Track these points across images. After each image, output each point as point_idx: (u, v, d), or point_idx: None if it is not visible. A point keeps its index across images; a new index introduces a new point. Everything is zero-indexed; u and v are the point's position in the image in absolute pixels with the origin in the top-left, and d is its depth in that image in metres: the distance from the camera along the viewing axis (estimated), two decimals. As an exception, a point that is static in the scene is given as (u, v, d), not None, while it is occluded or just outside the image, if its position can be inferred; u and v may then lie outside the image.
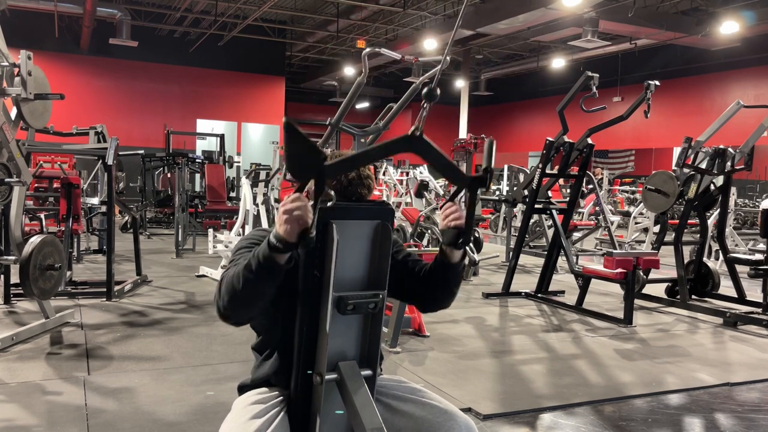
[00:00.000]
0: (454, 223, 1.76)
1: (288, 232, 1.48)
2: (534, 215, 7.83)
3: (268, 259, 1.51)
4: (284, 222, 1.48)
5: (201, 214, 11.83)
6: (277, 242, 1.49)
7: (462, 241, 1.75)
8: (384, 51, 5.39)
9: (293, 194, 1.49)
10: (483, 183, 1.67)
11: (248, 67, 20.79)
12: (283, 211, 1.48)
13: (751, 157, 6.27)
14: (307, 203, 1.48)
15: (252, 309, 1.63)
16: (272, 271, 1.53)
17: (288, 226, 1.47)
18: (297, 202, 1.48)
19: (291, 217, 1.47)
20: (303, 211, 1.47)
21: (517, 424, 3.23)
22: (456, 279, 1.88)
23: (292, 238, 1.48)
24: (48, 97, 4.54)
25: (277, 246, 1.49)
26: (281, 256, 1.52)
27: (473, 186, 1.68)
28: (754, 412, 3.51)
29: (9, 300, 5.35)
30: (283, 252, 1.50)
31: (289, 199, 1.48)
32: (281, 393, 1.78)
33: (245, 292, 1.56)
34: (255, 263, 1.53)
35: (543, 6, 13.30)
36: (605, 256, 5.65)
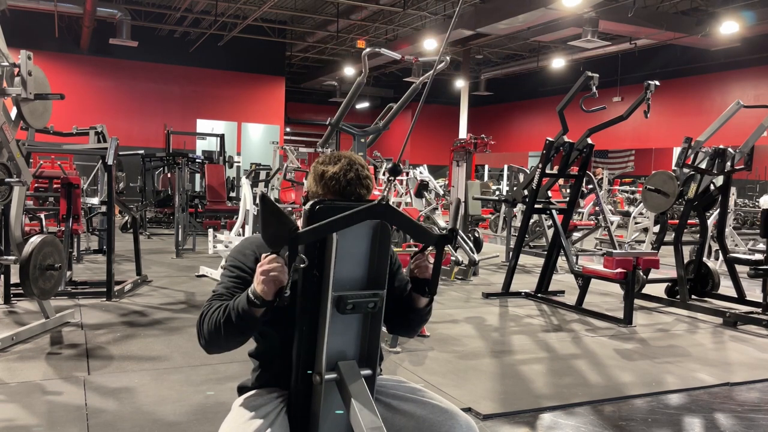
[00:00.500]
0: (422, 275, 1.86)
1: (265, 292, 1.60)
2: (534, 215, 7.83)
3: (246, 311, 1.64)
4: (261, 282, 1.59)
5: (201, 214, 11.83)
6: (255, 299, 1.61)
7: (428, 293, 1.85)
8: (384, 51, 5.39)
9: (270, 256, 1.60)
10: (449, 241, 1.77)
11: (248, 67, 20.79)
12: (260, 272, 1.59)
13: (751, 157, 6.28)
14: (282, 264, 1.59)
15: (233, 347, 1.76)
16: (249, 322, 1.65)
17: (265, 287, 1.59)
18: (273, 263, 1.59)
19: (268, 278, 1.59)
20: (279, 272, 1.59)
21: (517, 424, 3.23)
22: (420, 320, 1.97)
23: (268, 297, 1.60)
24: (48, 97, 4.54)
25: (254, 302, 1.62)
26: (258, 310, 1.64)
27: (440, 243, 1.76)
28: (754, 412, 3.52)
29: (9, 300, 5.35)
30: (259, 307, 1.63)
31: (266, 261, 1.60)
32: (281, 393, 1.78)
33: (226, 336, 1.70)
34: (234, 315, 1.65)
35: (543, 6, 13.29)
36: (605, 256, 5.66)
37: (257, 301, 1.61)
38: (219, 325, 1.69)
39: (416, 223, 1.78)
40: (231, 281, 1.81)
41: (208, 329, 1.73)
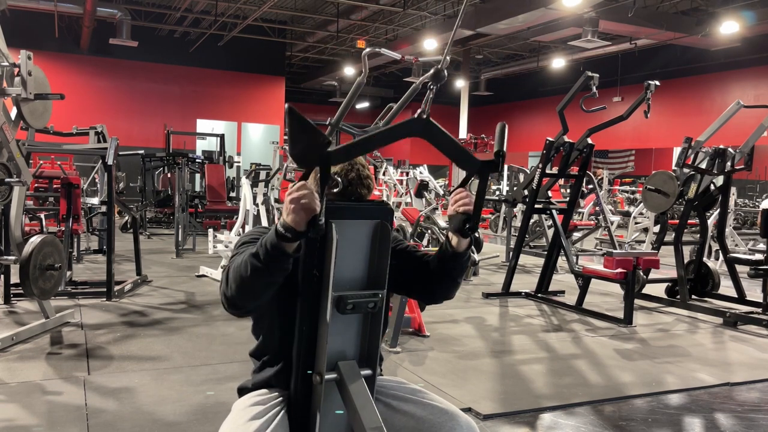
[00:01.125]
0: (463, 208, 1.71)
1: (296, 222, 1.45)
2: (534, 215, 7.83)
3: (276, 248, 1.49)
4: (291, 211, 1.44)
5: (201, 214, 11.83)
6: (286, 231, 1.46)
7: (469, 228, 1.70)
8: (384, 51, 5.39)
9: (299, 182, 1.47)
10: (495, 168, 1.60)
11: (248, 67, 20.79)
12: (290, 200, 1.45)
13: (751, 157, 6.27)
14: (313, 190, 1.45)
15: (260, 297, 1.60)
16: (280, 260, 1.50)
17: (295, 215, 1.44)
18: (303, 190, 1.45)
19: (298, 205, 1.44)
20: (310, 199, 1.44)
21: (517, 424, 3.23)
22: (461, 269, 1.84)
23: (300, 227, 1.45)
24: (48, 97, 4.54)
25: (285, 235, 1.46)
26: (289, 245, 1.49)
27: (483, 171, 1.62)
28: (754, 412, 3.51)
29: (9, 300, 5.35)
30: (291, 241, 1.48)
31: (295, 187, 1.45)
32: (281, 393, 1.78)
33: (253, 281, 1.53)
34: (263, 252, 1.50)
35: (543, 6, 13.29)
36: (605, 256, 5.65)
37: (288, 234, 1.45)
38: (246, 268, 1.52)
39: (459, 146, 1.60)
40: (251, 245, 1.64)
41: (233, 277, 1.57)
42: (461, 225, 1.71)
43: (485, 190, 1.66)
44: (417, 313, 4.86)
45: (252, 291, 1.57)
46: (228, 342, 4.46)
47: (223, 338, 4.56)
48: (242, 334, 4.63)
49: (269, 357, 1.83)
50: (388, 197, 11.87)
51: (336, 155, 1.42)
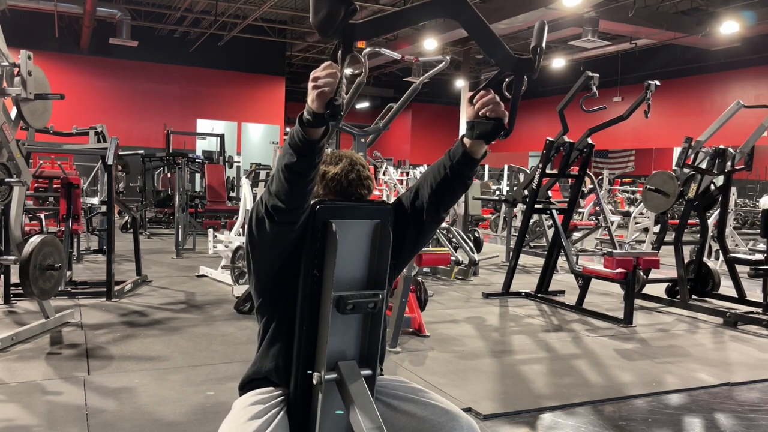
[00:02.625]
0: (493, 113, 1.57)
1: (316, 105, 1.40)
2: (534, 215, 7.83)
3: (301, 134, 1.46)
4: (312, 92, 1.40)
5: (201, 214, 11.83)
6: (308, 116, 1.42)
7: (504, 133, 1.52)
8: (384, 51, 5.39)
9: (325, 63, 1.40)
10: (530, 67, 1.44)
11: (248, 67, 20.78)
12: (311, 80, 1.40)
13: (751, 157, 6.27)
14: (336, 71, 1.39)
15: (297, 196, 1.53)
16: (308, 147, 1.47)
17: (316, 97, 1.40)
18: (326, 70, 1.40)
19: (319, 84, 1.40)
20: (333, 78, 1.39)
21: (517, 424, 3.23)
22: (473, 171, 1.74)
23: (319, 109, 1.40)
24: (48, 97, 4.54)
25: (308, 119, 1.43)
26: (315, 131, 1.46)
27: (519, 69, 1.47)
28: (754, 412, 3.51)
29: (9, 300, 5.35)
30: (314, 126, 1.43)
31: (321, 68, 1.40)
32: (281, 393, 1.77)
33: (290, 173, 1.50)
34: (292, 142, 1.48)
35: (543, 6, 13.29)
36: (605, 256, 5.65)
37: (311, 118, 1.41)
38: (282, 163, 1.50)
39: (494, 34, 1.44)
40: None
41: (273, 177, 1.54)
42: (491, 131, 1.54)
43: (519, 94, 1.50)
44: (417, 313, 4.87)
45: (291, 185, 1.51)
46: (228, 342, 4.46)
47: (223, 338, 4.56)
48: (242, 334, 4.63)
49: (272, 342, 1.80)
50: (388, 197, 11.87)
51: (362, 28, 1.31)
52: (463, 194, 1.83)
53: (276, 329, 1.79)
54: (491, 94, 1.57)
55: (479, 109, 1.59)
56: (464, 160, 1.71)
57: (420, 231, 1.88)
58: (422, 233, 1.90)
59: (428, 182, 1.81)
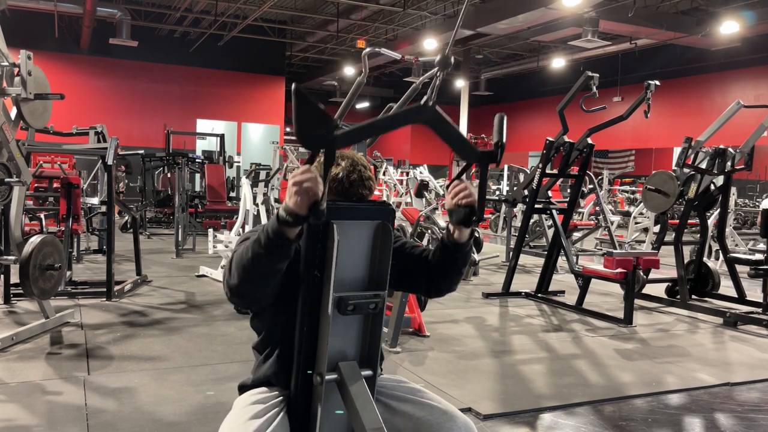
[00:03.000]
0: (465, 201, 1.70)
1: (298, 205, 1.44)
2: (534, 215, 7.83)
3: (278, 233, 1.48)
4: (294, 194, 1.44)
5: (201, 214, 11.83)
6: (287, 215, 1.45)
7: (476, 219, 1.69)
8: (384, 51, 5.39)
9: (303, 166, 1.46)
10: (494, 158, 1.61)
11: (248, 67, 20.78)
12: (292, 183, 1.44)
13: (751, 157, 6.27)
14: (317, 175, 1.44)
15: (262, 288, 1.59)
16: (282, 246, 1.50)
17: (298, 198, 1.44)
18: (307, 174, 1.44)
19: (301, 188, 1.44)
20: (313, 183, 1.44)
21: (517, 424, 3.23)
22: (464, 259, 1.84)
23: (302, 211, 1.44)
24: (48, 97, 4.54)
25: (287, 219, 1.45)
26: (291, 230, 1.48)
27: (484, 161, 1.63)
28: (754, 412, 3.51)
29: (9, 300, 5.35)
30: (292, 226, 1.47)
31: (299, 171, 1.45)
32: (281, 393, 1.78)
33: (256, 268, 1.53)
34: (264, 238, 1.50)
35: (543, 6, 13.29)
36: (605, 256, 5.65)
37: (289, 218, 1.44)
38: (248, 254, 1.52)
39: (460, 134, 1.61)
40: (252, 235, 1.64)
41: (236, 264, 1.56)
42: (464, 217, 1.70)
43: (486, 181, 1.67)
44: (417, 313, 4.86)
45: (254, 279, 1.56)
46: (228, 342, 4.46)
47: (223, 338, 4.56)
48: (242, 334, 4.63)
49: (270, 351, 1.81)
50: (388, 197, 11.87)
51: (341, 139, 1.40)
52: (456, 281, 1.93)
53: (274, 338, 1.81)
54: (463, 184, 1.71)
55: (453, 198, 1.72)
56: (452, 245, 1.81)
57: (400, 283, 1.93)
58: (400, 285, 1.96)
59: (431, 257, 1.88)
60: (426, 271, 1.88)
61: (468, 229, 1.77)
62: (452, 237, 1.80)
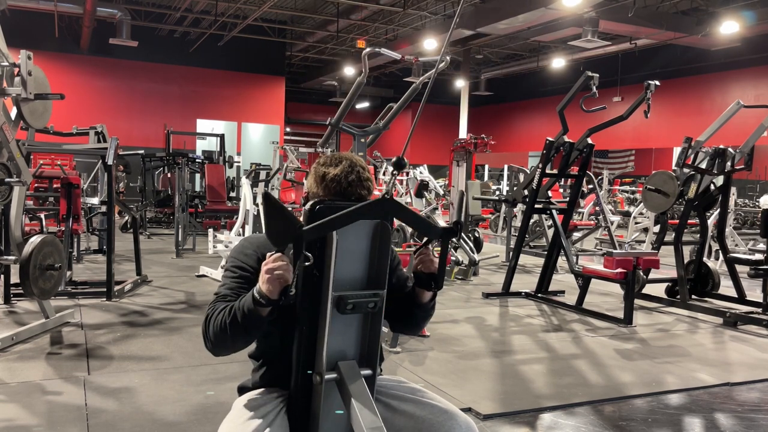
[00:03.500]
0: (426, 269, 1.84)
1: (270, 291, 1.58)
2: (534, 215, 7.83)
3: (251, 311, 1.63)
4: (267, 281, 1.58)
5: (201, 214, 11.83)
6: (261, 298, 1.60)
7: (434, 286, 1.84)
8: (384, 51, 5.39)
9: (275, 254, 1.59)
10: (454, 234, 1.76)
11: (248, 67, 20.78)
12: (265, 271, 1.58)
13: (751, 157, 6.27)
14: (288, 263, 1.58)
15: (240, 347, 1.76)
16: (255, 321, 1.65)
17: (270, 286, 1.58)
18: (279, 262, 1.58)
19: (273, 276, 1.57)
20: (284, 270, 1.57)
21: (517, 424, 3.23)
22: (424, 315, 1.96)
23: (273, 296, 1.59)
24: (48, 97, 4.54)
25: (260, 301, 1.60)
26: (264, 309, 1.63)
27: (445, 236, 1.76)
28: (754, 412, 3.51)
29: (9, 300, 5.35)
30: (265, 306, 1.61)
31: (271, 259, 1.59)
32: (281, 393, 1.78)
33: (233, 338, 1.70)
34: (240, 315, 1.65)
35: (543, 6, 13.29)
36: (605, 256, 5.65)
37: (263, 301, 1.60)
38: (225, 326, 1.68)
39: (421, 217, 1.78)
40: (234, 282, 1.80)
41: (213, 332, 1.73)
42: (425, 283, 1.85)
43: (447, 253, 1.83)
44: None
45: (230, 345, 1.74)
46: (228, 342, 4.46)
47: (223, 338, 4.55)
48: (242, 334, 4.63)
49: (269, 357, 1.84)
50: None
51: (307, 233, 1.55)
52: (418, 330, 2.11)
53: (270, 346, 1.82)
54: (425, 253, 1.84)
55: (417, 264, 1.86)
56: (415, 304, 1.92)
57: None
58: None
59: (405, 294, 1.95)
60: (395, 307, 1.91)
61: (429, 293, 1.88)
62: (416, 296, 1.90)
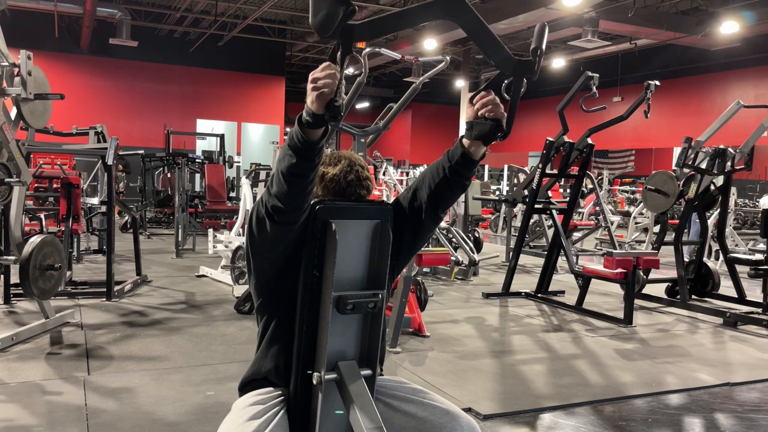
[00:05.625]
0: (492, 114, 1.59)
1: (315, 105, 1.40)
2: (534, 215, 7.83)
3: (301, 136, 1.46)
4: (310, 92, 1.41)
5: (201, 214, 11.83)
6: (306, 116, 1.43)
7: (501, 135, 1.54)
8: (384, 51, 5.39)
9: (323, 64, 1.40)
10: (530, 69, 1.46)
11: (248, 67, 20.78)
12: (310, 81, 1.41)
13: (751, 157, 6.27)
14: (335, 71, 1.39)
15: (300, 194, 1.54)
16: (308, 149, 1.47)
17: (314, 97, 1.40)
18: (325, 71, 1.40)
19: (318, 86, 1.40)
20: (332, 79, 1.39)
21: (517, 424, 3.23)
22: (471, 172, 1.76)
23: (319, 110, 1.40)
24: (48, 97, 4.54)
25: (307, 120, 1.42)
26: (314, 132, 1.46)
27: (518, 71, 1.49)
28: (754, 412, 3.51)
29: (9, 300, 5.35)
30: (313, 127, 1.43)
31: (319, 69, 1.40)
32: (281, 393, 1.77)
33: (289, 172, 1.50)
34: (291, 143, 1.49)
35: (543, 6, 13.29)
36: (605, 256, 5.65)
37: (309, 118, 1.41)
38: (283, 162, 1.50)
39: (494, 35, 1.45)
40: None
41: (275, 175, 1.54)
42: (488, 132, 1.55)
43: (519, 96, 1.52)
44: (417, 313, 4.86)
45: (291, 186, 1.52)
46: (228, 342, 4.46)
47: (223, 338, 4.56)
48: (242, 334, 4.63)
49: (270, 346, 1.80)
50: (388, 197, 11.86)
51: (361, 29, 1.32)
52: (462, 194, 1.83)
53: (276, 329, 1.79)
54: (491, 95, 1.58)
55: (479, 109, 1.61)
56: (463, 161, 1.72)
57: (418, 231, 1.89)
58: (420, 233, 1.91)
59: (427, 183, 1.82)
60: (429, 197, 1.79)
61: (484, 147, 1.65)
62: (467, 152, 1.69)
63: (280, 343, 1.76)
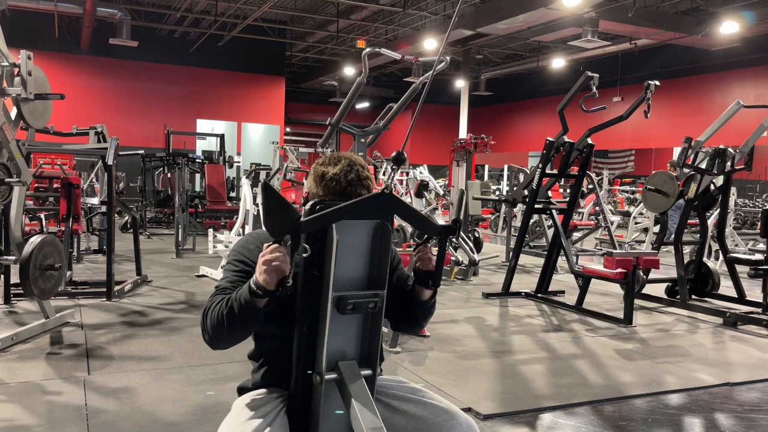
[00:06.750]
0: (424, 267, 1.84)
1: (267, 282, 1.57)
2: (534, 215, 7.83)
3: (248, 302, 1.62)
4: (264, 272, 1.57)
5: (201, 214, 11.83)
6: (257, 289, 1.59)
7: (432, 284, 1.84)
8: (384, 51, 5.39)
9: (272, 245, 1.58)
10: (452, 232, 1.76)
11: (248, 67, 20.79)
12: (262, 262, 1.57)
13: (751, 157, 6.27)
14: (285, 254, 1.57)
15: (238, 340, 1.76)
16: (253, 313, 1.64)
17: (267, 276, 1.57)
18: (276, 253, 1.57)
19: (270, 267, 1.56)
20: (281, 261, 1.56)
21: (517, 424, 3.23)
22: (425, 313, 1.95)
23: (270, 287, 1.57)
24: (48, 97, 4.54)
25: (257, 292, 1.59)
26: (260, 300, 1.62)
27: (443, 234, 1.76)
28: (754, 412, 3.52)
29: (9, 300, 5.35)
30: (262, 297, 1.60)
31: (268, 250, 1.57)
32: (281, 393, 1.78)
33: (229, 330, 1.69)
34: (237, 306, 1.64)
35: (543, 6, 13.30)
36: (605, 256, 5.65)
37: (259, 291, 1.59)
38: (222, 318, 1.68)
39: (420, 214, 1.77)
40: (235, 275, 1.79)
41: (211, 323, 1.73)
42: (423, 281, 1.85)
43: (445, 251, 1.81)
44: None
45: (228, 338, 1.74)
46: (228, 342, 4.46)
47: (223, 338, 4.55)
48: (242, 334, 4.63)
49: (268, 358, 1.84)
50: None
51: (305, 225, 1.54)
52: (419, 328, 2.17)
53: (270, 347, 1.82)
54: (424, 251, 1.83)
55: (416, 262, 1.86)
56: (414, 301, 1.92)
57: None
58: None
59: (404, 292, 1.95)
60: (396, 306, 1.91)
61: (429, 291, 1.88)
62: (416, 295, 1.90)
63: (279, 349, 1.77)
